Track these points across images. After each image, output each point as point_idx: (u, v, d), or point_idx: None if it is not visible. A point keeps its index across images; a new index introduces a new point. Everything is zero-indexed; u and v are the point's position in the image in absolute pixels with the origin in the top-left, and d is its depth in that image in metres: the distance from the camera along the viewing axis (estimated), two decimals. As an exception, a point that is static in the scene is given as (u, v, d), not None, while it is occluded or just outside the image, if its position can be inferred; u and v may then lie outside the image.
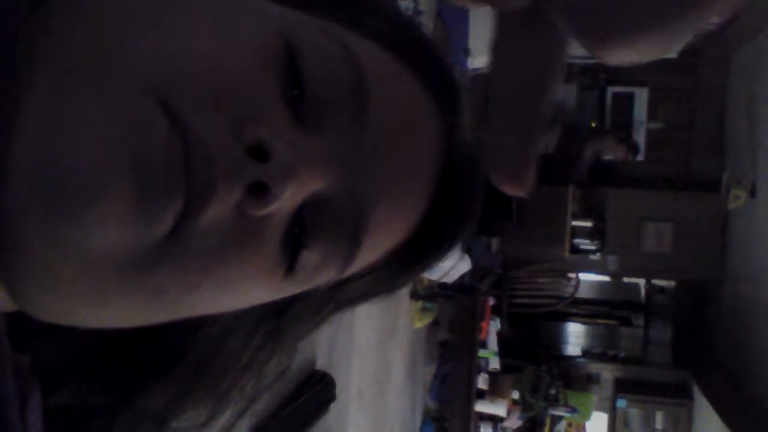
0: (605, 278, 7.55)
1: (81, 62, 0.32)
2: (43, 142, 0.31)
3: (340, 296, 0.49)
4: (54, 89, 0.31)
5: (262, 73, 0.36)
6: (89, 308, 0.35)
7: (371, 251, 0.43)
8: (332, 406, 3.31)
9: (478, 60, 4.25)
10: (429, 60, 0.46)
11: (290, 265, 0.39)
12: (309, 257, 0.40)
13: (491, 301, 5.73)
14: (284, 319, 0.48)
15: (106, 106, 0.31)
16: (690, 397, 7.19)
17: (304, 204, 0.38)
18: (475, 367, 4.97)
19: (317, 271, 0.41)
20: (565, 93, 6.82)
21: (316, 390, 3.12)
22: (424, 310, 5.24)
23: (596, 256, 6.97)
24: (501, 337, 5.97)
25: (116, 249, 0.32)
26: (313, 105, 0.38)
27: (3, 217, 0.31)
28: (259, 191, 0.34)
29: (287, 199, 0.36)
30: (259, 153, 0.34)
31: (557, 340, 7.79)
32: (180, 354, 0.46)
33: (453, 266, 4.44)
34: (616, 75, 7.08)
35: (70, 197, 0.31)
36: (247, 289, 0.39)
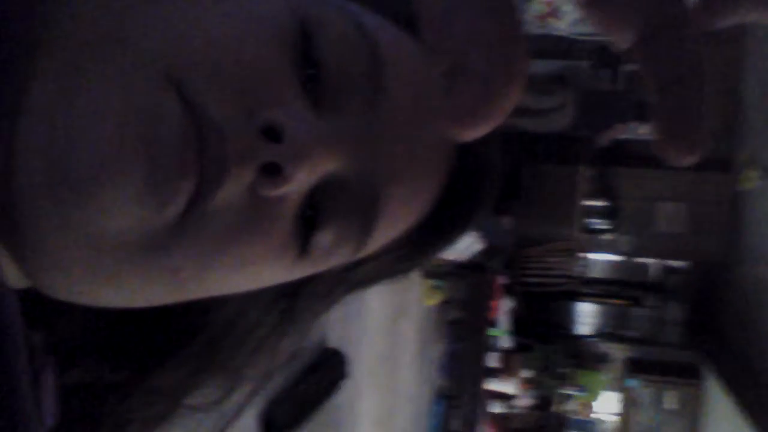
0: (618, 258, 7.53)
1: (92, 42, 0.32)
2: (53, 122, 0.30)
3: (354, 277, 0.49)
4: (64, 68, 0.31)
5: (276, 53, 0.36)
6: (103, 289, 0.35)
7: (385, 233, 0.43)
8: (344, 383, 3.33)
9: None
10: None
11: (303, 247, 0.39)
12: (322, 239, 0.39)
13: (502, 280, 5.73)
14: (298, 300, 0.48)
15: (117, 87, 0.31)
16: (700, 377, 7.19)
17: (318, 185, 0.38)
18: (486, 346, 4.99)
19: (331, 252, 0.41)
20: (578, 71, 6.76)
21: (328, 367, 3.13)
22: (435, 288, 5.24)
23: (609, 236, 6.94)
24: (512, 316, 5.98)
25: (129, 230, 0.32)
26: (327, 85, 0.38)
27: (15, 198, 0.31)
28: (272, 172, 0.34)
29: (300, 181, 0.35)
30: (273, 134, 0.34)
31: (568, 319, 7.79)
32: (194, 332, 0.46)
33: (465, 245, 4.44)
34: (630, 53, 6.98)
35: (82, 179, 0.30)
36: (260, 270, 0.39)
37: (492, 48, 0.22)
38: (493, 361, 5.66)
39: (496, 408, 6.06)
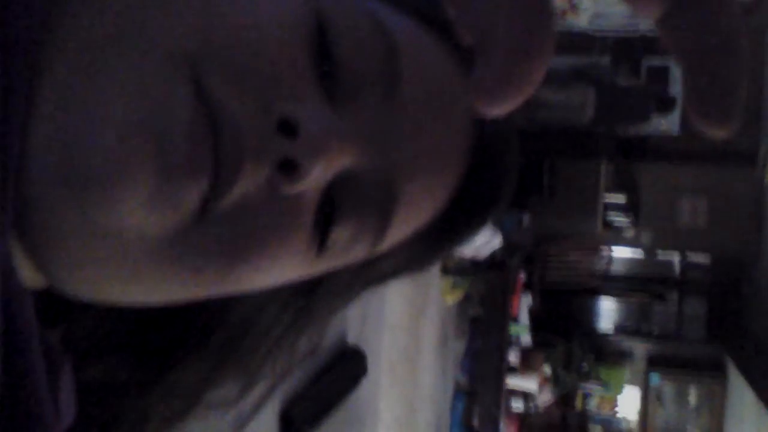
0: (639, 253, 7.48)
1: (103, 35, 0.31)
2: (65, 119, 0.30)
3: (371, 273, 0.49)
4: (76, 63, 0.31)
5: (292, 47, 0.35)
6: (121, 287, 0.35)
7: (402, 228, 0.42)
8: (363, 380, 3.33)
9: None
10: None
11: (321, 243, 0.39)
12: (340, 234, 0.39)
13: (522, 277, 5.71)
14: (315, 296, 0.48)
15: (128, 81, 0.31)
16: (724, 372, 7.13)
17: (335, 180, 0.37)
18: (506, 343, 4.98)
19: (348, 248, 0.40)
20: (599, 65, 6.72)
21: (348, 365, 3.14)
22: (455, 285, 5.24)
23: (630, 231, 6.90)
24: (532, 313, 5.96)
25: (147, 229, 0.32)
26: (343, 80, 0.37)
27: (29, 197, 0.31)
28: (289, 169, 0.34)
29: (317, 177, 0.35)
30: (288, 129, 0.34)
31: (589, 315, 7.75)
32: (212, 330, 0.46)
33: (484, 242, 4.43)
34: (652, 47, 6.94)
35: (95, 177, 0.30)
36: (280, 268, 0.38)
37: (518, 19, 0.22)
38: (513, 357, 5.64)
39: (518, 405, 6.04)
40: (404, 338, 4.38)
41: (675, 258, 7.57)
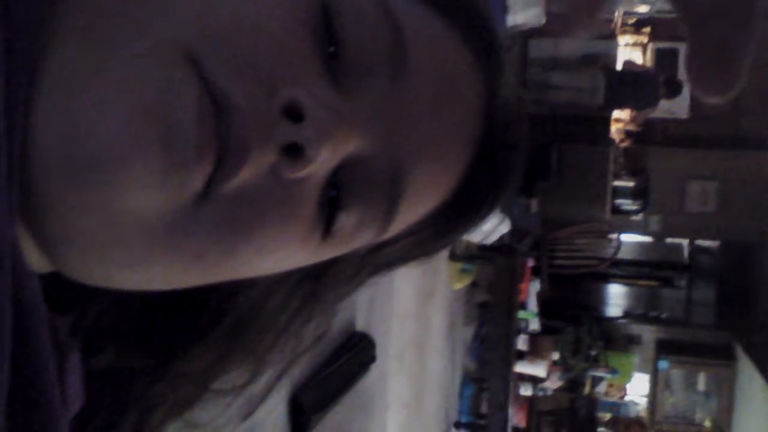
0: (648, 239, 7.46)
1: (109, 20, 0.31)
2: (69, 102, 0.30)
3: (378, 259, 0.48)
4: (80, 46, 0.31)
5: (297, 31, 0.35)
6: (125, 271, 0.35)
7: (409, 213, 0.42)
8: (372, 367, 3.34)
9: (519, 17, 4.15)
10: (470, 17, 0.44)
11: (327, 228, 0.38)
12: (346, 220, 0.39)
13: (531, 263, 5.70)
14: (322, 282, 0.48)
15: (134, 66, 0.31)
16: (733, 358, 7.13)
17: (341, 165, 0.37)
18: (515, 328, 4.97)
19: (354, 233, 0.40)
20: (607, 49, 6.68)
21: (356, 351, 3.15)
22: (463, 271, 5.24)
23: (638, 217, 6.88)
24: (541, 298, 5.95)
25: (150, 212, 0.32)
26: (349, 64, 0.37)
27: (34, 181, 0.31)
28: (294, 153, 0.34)
29: (323, 162, 0.35)
30: (294, 113, 0.34)
31: (598, 301, 7.75)
32: (220, 316, 0.46)
33: (492, 227, 4.42)
34: (659, 30, 6.89)
35: (100, 160, 0.30)
36: (284, 254, 0.38)
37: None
38: (522, 343, 5.64)
39: (526, 391, 6.05)
40: (413, 324, 4.39)
41: (684, 243, 7.55)
